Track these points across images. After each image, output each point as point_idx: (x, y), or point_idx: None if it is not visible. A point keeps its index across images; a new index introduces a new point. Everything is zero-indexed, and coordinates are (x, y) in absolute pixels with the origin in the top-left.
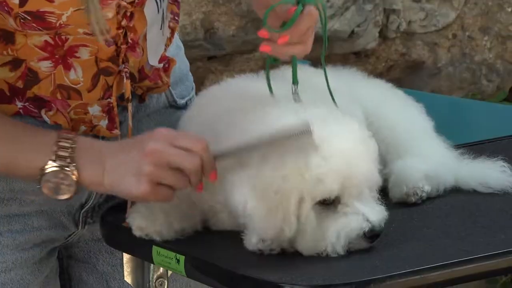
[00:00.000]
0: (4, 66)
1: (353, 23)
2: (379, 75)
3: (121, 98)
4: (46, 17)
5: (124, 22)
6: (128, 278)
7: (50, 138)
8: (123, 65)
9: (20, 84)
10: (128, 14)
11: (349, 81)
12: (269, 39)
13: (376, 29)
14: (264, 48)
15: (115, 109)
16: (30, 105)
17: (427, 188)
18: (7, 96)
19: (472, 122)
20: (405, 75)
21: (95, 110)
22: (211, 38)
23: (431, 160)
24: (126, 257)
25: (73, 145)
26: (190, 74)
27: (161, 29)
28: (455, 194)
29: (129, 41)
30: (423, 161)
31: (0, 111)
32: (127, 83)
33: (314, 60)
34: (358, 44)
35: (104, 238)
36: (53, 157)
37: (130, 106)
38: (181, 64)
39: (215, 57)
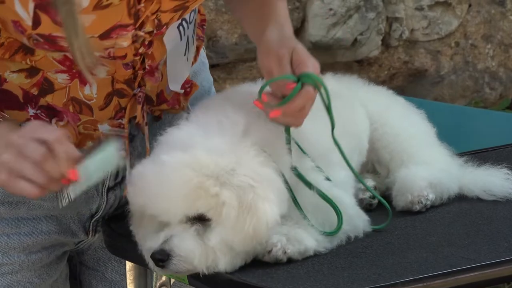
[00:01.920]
0: (21, 72)
1: (356, 31)
2: (382, 83)
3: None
4: (58, 41)
5: (142, 49)
6: (131, 286)
7: None
8: (139, 89)
9: (34, 91)
10: (147, 42)
11: (352, 88)
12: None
13: (379, 37)
14: (257, 104)
15: (126, 131)
16: (42, 113)
17: (431, 196)
18: (20, 103)
19: (475, 130)
20: (408, 83)
21: (104, 128)
22: (213, 46)
23: (435, 168)
24: (129, 265)
25: None
26: (213, 89)
27: (185, 55)
28: (458, 202)
29: (147, 67)
30: (427, 169)
31: (13, 117)
32: (138, 108)
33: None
34: (361, 52)
35: (106, 246)
36: None
37: (146, 130)
38: (203, 81)
39: (218, 65)
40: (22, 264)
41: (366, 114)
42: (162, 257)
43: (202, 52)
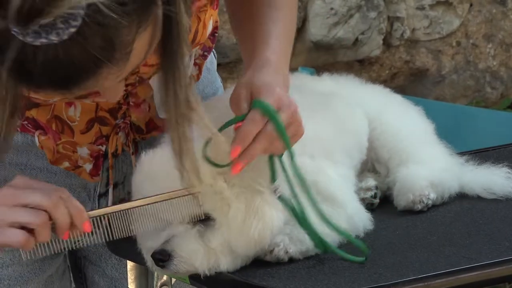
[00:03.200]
0: None
1: (357, 31)
2: (383, 82)
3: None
4: (36, 100)
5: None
6: (132, 285)
7: None
8: (121, 120)
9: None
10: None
11: (349, 87)
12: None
13: (380, 37)
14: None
15: (111, 160)
16: (29, 124)
17: (432, 195)
18: None
19: (476, 130)
20: (409, 82)
21: (83, 152)
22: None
23: (436, 167)
24: (130, 264)
25: None
26: (221, 90)
27: None
28: (459, 202)
29: (131, 103)
30: (427, 168)
31: None
32: (116, 139)
33: (319, 69)
34: (362, 52)
35: (107, 245)
36: None
37: (133, 159)
38: (205, 88)
39: (219, 65)
40: (13, 258)
41: (363, 113)
42: (163, 257)
43: (212, 58)
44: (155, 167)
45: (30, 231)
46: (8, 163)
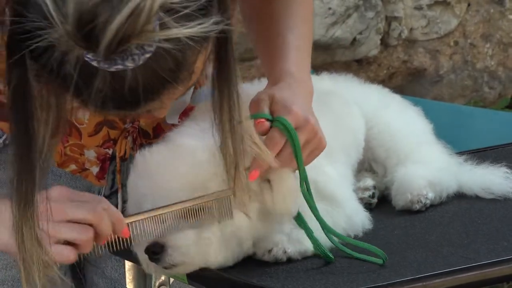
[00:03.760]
0: None
1: (355, 31)
2: (381, 82)
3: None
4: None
5: None
6: (130, 285)
7: None
8: (130, 124)
9: None
10: None
11: (347, 87)
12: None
13: (378, 37)
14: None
15: (118, 164)
16: None
17: (431, 195)
18: None
19: (474, 129)
20: (407, 82)
21: (90, 154)
22: None
23: (434, 166)
24: (128, 264)
25: None
26: None
27: (184, 96)
28: (458, 201)
29: None
30: (425, 167)
31: (7, 128)
32: (125, 142)
33: (317, 68)
34: (360, 52)
35: (106, 244)
36: None
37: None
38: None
39: None
40: (16, 259)
41: (360, 113)
42: (156, 249)
43: None
44: (150, 166)
45: (73, 244)
46: None
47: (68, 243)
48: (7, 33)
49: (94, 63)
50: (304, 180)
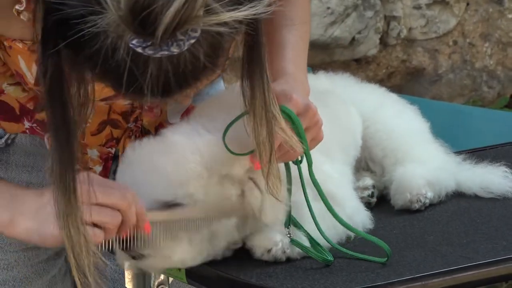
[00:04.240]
0: (18, 85)
1: (353, 30)
2: (380, 82)
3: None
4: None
5: None
6: (129, 285)
7: None
8: (133, 124)
9: (30, 105)
10: None
11: (344, 86)
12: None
13: (377, 36)
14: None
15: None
16: (38, 127)
17: (430, 194)
18: (17, 115)
19: (473, 129)
20: (406, 81)
21: (93, 154)
22: None
23: (432, 165)
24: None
25: None
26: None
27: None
28: (456, 201)
29: (145, 107)
30: (424, 167)
31: (9, 128)
32: (126, 142)
33: (314, 67)
34: (358, 51)
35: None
36: None
37: None
38: (210, 90)
39: None
40: (18, 259)
41: (357, 112)
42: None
43: None
44: (137, 157)
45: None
46: (15, 165)
47: (95, 227)
48: (42, 22)
49: (139, 50)
50: (310, 165)
